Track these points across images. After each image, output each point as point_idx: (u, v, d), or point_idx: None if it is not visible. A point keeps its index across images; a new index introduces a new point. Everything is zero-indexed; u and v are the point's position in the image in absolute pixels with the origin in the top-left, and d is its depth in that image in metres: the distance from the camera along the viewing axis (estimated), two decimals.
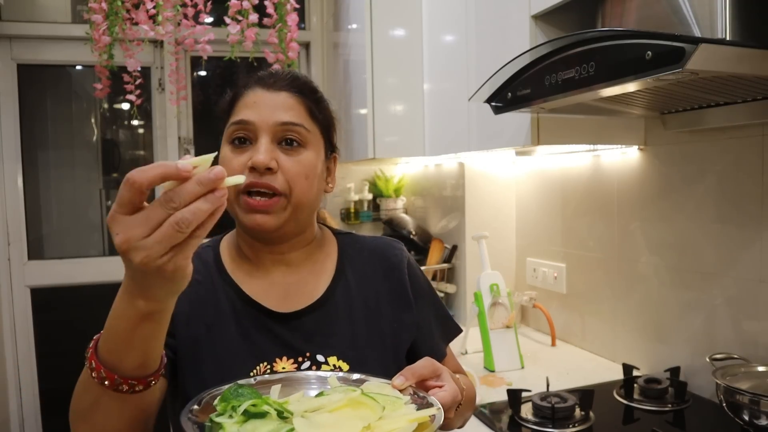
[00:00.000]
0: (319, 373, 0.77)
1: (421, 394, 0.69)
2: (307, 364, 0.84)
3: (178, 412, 0.84)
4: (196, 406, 0.64)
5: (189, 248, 0.54)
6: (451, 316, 1.04)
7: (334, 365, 0.85)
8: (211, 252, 0.92)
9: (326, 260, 0.94)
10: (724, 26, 0.91)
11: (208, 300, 0.86)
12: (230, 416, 0.61)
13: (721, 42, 0.91)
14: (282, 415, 0.63)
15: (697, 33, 0.97)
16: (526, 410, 1.37)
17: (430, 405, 0.67)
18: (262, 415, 0.61)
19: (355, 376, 0.75)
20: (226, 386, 0.67)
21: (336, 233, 0.99)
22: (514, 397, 1.37)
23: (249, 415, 0.61)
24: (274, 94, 0.85)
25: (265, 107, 0.84)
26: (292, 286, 0.90)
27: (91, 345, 0.65)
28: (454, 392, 0.71)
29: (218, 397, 0.65)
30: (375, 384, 0.71)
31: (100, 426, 0.67)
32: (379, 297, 0.93)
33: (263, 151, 0.81)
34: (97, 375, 0.63)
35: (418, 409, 0.65)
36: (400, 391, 0.69)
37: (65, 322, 2.58)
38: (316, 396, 0.68)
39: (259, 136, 0.83)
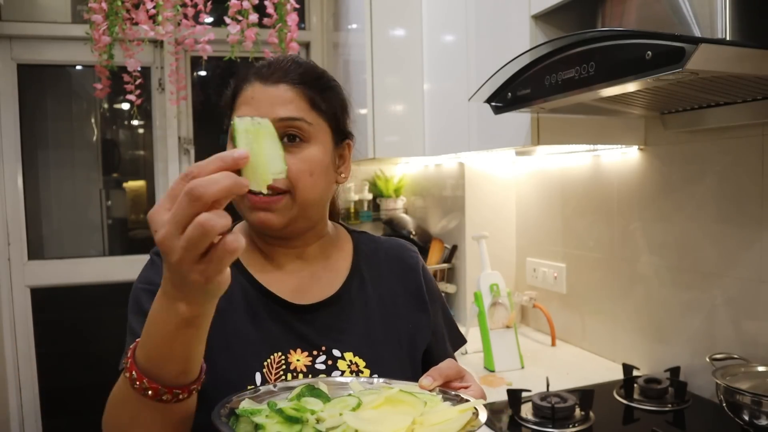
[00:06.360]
0: (343, 378, 0.76)
1: (453, 393, 0.69)
2: (322, 358, 0.83)
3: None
4: (223, 410, 0.63)
5: (219, 261, 0.52)
6: (457, 325, 1.03)
7: (350, 361, 0.83)
8: None
9: (341, 256, 0.93)
10: (724, 26, 0.91)
11: None
12: (266, 416, 0.61)
13: (721, 42, 0.91)
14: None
15: (697, 33, 0.97)
16: (526, 410, 1.37)
17: (464, 402, 0.66)
18: (298, 420, 0.60)
19: (379, 380, 0.74)
20: (249, 391, 0.67)
21: (351, 231, 0.98)
22: (514, 397, 1.37)
23: (286, 418, 0.60)
24: (271, 88, 0.81)
25: (262, 103, 0.80)
26: (305, 279, 0.89)
27: (128, 355, 0.62)
28: (480, 392, 0.71)
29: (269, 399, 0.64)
30: (402, 385, 0.70)
31: None
32: (395, 297, 0.92)
33: None
34: (139, 386, 0.59)
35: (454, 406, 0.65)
36: (429, 391, 0.69)
37: (65, 322, 2.57)
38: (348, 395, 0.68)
39: None
